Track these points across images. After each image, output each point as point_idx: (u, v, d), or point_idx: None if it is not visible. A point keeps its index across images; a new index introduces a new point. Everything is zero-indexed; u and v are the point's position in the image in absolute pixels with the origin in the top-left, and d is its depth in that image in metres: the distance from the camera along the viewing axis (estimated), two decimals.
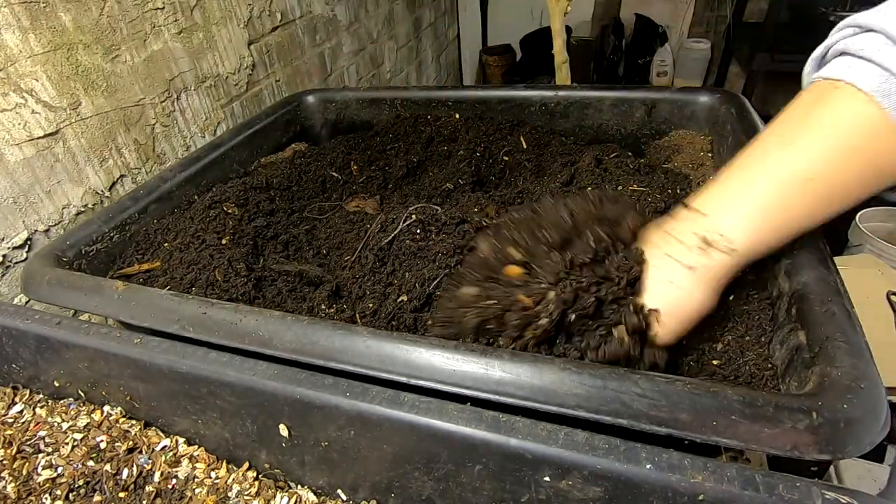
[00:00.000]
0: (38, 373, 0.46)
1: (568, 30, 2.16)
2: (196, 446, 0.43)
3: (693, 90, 0.70)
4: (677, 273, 0.36)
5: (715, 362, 0.39)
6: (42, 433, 0.43)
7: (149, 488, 0.39)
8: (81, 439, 0.43)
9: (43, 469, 0.41)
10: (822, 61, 0.37)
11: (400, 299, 0.44)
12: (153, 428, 0.44)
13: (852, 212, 1.22)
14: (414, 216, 0.48)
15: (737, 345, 0.39)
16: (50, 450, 0.42)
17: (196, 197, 0.65)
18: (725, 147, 0.61)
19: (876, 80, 0.32)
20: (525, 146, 0.70)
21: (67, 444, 0.42)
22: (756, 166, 0.36)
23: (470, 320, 0.37)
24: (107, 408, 0.45)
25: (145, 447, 0.42)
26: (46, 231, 0.62)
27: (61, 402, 0.46)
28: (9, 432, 0.44)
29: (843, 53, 0.35)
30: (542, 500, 0.31)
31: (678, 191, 0.58)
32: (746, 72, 1.87)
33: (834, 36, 0.36)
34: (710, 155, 0.66)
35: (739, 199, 0.36)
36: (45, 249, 0.52)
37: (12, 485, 0.40)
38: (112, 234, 0.56)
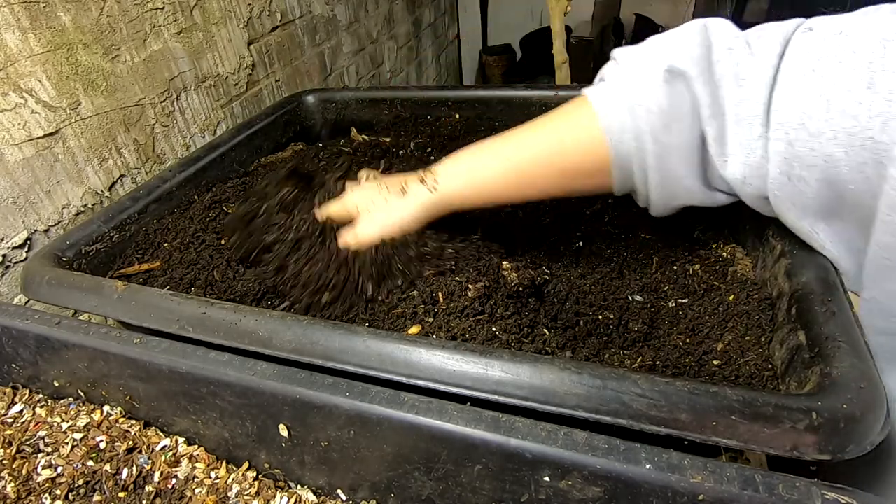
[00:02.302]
0: (38, 373, 0.46)
1: (568, 30, 2.16)
2: (196, 446, 0.43)
3: None
4: (393, 193, 0.47)
5: (715, 362, 0.39)
6: (42, 433, 0.43)
7: (148, 488, 0.39)
8: (81, 439, 0.43)
9: (43, 469, 0.41)
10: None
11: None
12: (153, 428, 0.44)
13: None
14: None
15: (737, 345, 0.39)
16: (50, 450, 0.42)
17: (196, 197, 0.65)
18: None
19: (602, 101, 0.40)
20: None
21: (67, 444, 0.42)
22: (491, 147, 0.45)
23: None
24: (107, 408, 0.45)
25: (145, 447, 0.42)
26: (46, 231, 0.62)
27: (61, 402, 0.46)
28: (8, 432, 0.44)
29: (601, 79, 0.42)
30: (541, 500, 0.31)
31: None
32: None
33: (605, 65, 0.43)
34: None
35: (462, 163, 0.46)
36: (44, 249, 0.52)
37: (12, 485, 0.40)
38: (112, 234, 0.56)
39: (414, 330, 0.40)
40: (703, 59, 0.37)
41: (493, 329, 0.40)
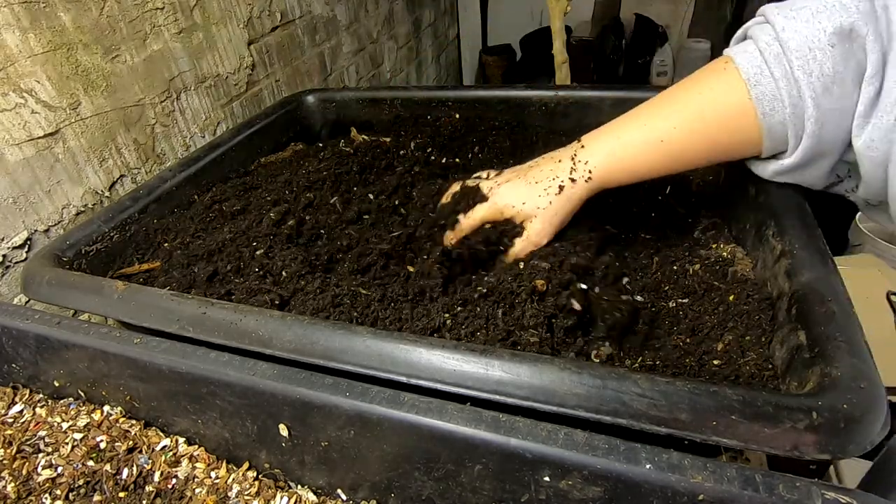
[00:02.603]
0: (38, 372, 0.46)
1: (568, 30, 2.16)
2: (196, 446, 0.43)
3: None
4: (551, 190, 0.46)
5: (715, 362, 0.39)
6: (42, 433, 0.43)
7: (149, 488, 0.40)
8: (81, 439, 0.43)
9: (43, 469, 0.41)
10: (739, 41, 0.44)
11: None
12: (153, 428, 0.44)
13: (852, 212, 1.22)
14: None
15: (737, 345, 0.39)
16: (50, 450, 0.42)
17: (196, 197, 0.65)
18: None
19: (753, 68, 0.39)
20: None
21: (67, 443, 0.42)
22: (633, 120, 0.45)
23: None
24: (107, 408, 0.45)
25: (145, 447, 0.42)
26: (46, 231, 0.62)
27: (61, 401, 0.46)
28: (9, 432, 0.44)
29: (746, 37, 0.42)
30: (541, 500, 0.31)
31: (676, 190, 0.58)
32: None
33: (750, 21, 0.42)
34: None
35: (608, 143, 0.45)
36: (45, 249, 0.52)
37: (12, 485, 0.40)
38: (112, 234, 0.56)
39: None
40: (872, 15, 0.35)
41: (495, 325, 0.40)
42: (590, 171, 0.45)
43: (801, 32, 0.37)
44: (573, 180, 0.45)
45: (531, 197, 0.46)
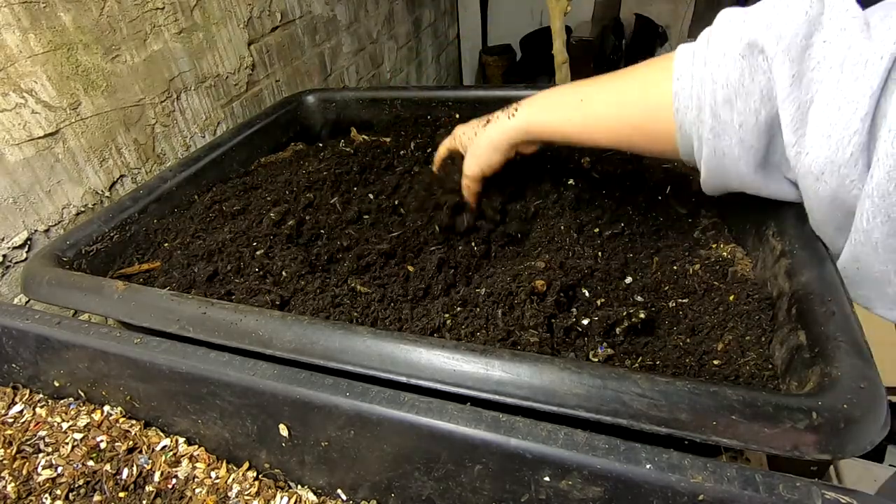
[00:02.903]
0: (38, 373, 0.46)
1: (568, 30, 2.16)
2: (196, 446, 0.43)
3: None
4: (481, 125, 0.51)
5: (715, 362, 0.39)
6: (42, 433, 0.43)
7: (149, 488, 0.40)
8: (81, 439, 0.43)
9: (43, 469, 0.41)
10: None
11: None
12: (153, 428, 0.44)
13: None
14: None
15: (737, 345, 0.39)
16: (50, 450, 0.42)
17: (196, 197, 0.65)
18: None
19: (682, 63, 0.38)
20: None
21: (67, 443, 0.42)
22: (573, 85, 0.46)
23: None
24: (107, 408, 0.45)
25: (145, 447, 0.42)
26: (46, 231, 0.62)
27: (61, 401, 0.46)
28: (9, 432, 0.44)
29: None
30: (541, 500, 0.31)
31: (676, 190, 0.58)
32: None
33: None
34: None
35: (543, 97, 0.48)
36: (45, 249, 0.52)
37: (12, 485, 0.40)
38: (112, 234, 0.56)
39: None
40: (798, 37, 0.33)
41: (496, 325, 0.40)
42: (516, 111, 0.48)
43: (723, 36, 0.36)
44: (498, 118, 0.49)
45: (467, 131, 0.53)
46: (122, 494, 0.39)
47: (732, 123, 0.36)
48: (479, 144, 0.50)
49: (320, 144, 0.83)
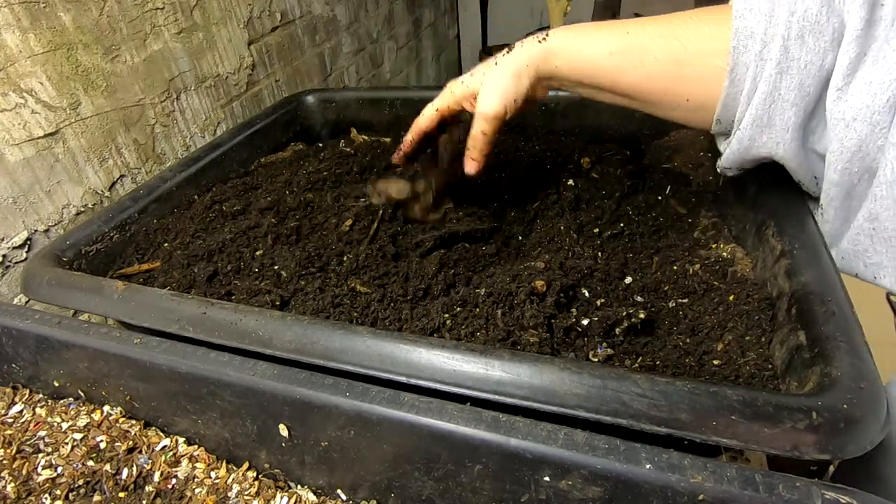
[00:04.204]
0: (38, 373, 0.46)
1: None
2: (196, 446, 0.43)
3: None
4: (499, 55, 0.44)
5: (715, 362, 0.39)
6: (42, 433, 0.43)
7: (149, 488, 0.40)
8: (81, 439, 0.43)
9: (43, 469, 0.41)
10: None
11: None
12: (153, 428, 0.44)
13: None
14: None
15: (737, 345, 0.39)
16: (50, 450, 0.42)
17: (196, 197, 0.65)
18: None
19: (744, 2, 0.36)
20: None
21: (67, 443, 0.42)
22: (609, 25, 0.42)
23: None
24: (107, 408, 0.45)
25: (145, 447, 0.42)
26: (46, 231, 0.62)
27: (61, 401, 0.46)
28: (9, 432, 0.44)
29: None
30: (541, 499, 0.31)
31: (676, 190, 0.58)
32: None
33: None
34: (709, 155, 0.66)
35: (575, 27, 0.43)
36: (45, 249, 0.52)
37: (12, 485, 0.40)
38: (112, 234, 0.56)
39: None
40: None
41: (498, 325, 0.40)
42: (546, 37, 0.42)
43: None
44: (522, 44, 0.43)
45: (478, 68, 0.45)
46: (121, 494, 0.39)
47: (799, 61, 0.34)
48: (501, 73, 0.43)
49: (320, 144, 0.83)
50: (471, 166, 0.47)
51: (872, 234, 0.36)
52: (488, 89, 0.44)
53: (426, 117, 0.49)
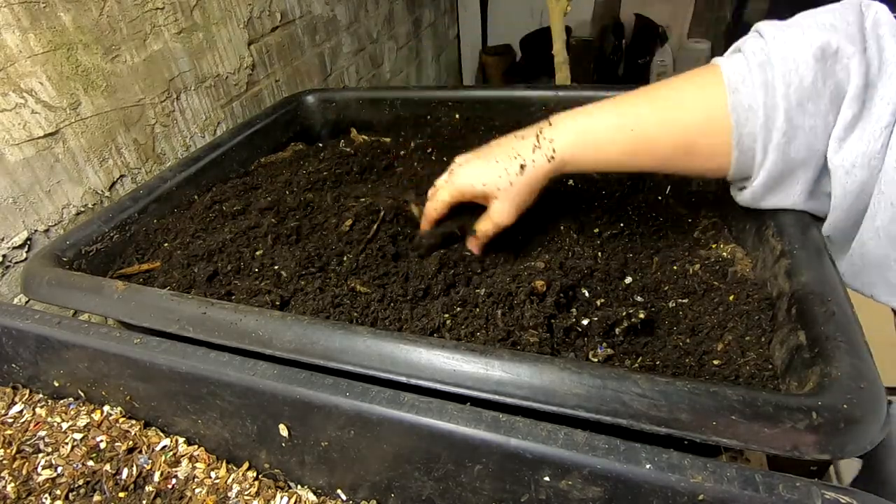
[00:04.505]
0: (38, 373, 0.46)
1: (568, 30, 2.16)
2: (196, 446, 0.43)
3: None
4: (512, 170, 0.45)
5: (715, 362, 0.39)
6: (42, 433, 0.43)
7: (149, 488, 0.40)
8: (81, 439, 0.43)
9: (43, 469, 0.41)
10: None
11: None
12: (153, 428, 0.44)
13: None
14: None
15: (737, 345, 0.39)
16: (50, 450, 0.42)
17: (196, 197, 0.65)
18: None
19: (736, 75, 0.39)
20: None
21: (67, 443, 0.42)
22: (608, 105, 0.44)
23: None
24: (107, 408, 0.45)
25: (145, 447, 0.42)
26: (46, 231, 0.62)
27: (61, 401, 0.46)
28: (9, 432, 0.44)
29: (739, 50, 0.41)
30: (541, 499, 0.31)
31: (676, 190, 0.58)
32: None
33: (744, 37, 0.42)
34: None
35: (578, 122, 0.44)
36: (45, 249, 0.52)
37: (12, 485, 0.40)
38: (112, 234, 0.56)
39: None
40: (859, 39, 0.35)
41: (498, 325, 0.40)
42: (554, 150, 0.43)
43: (789, 44, 0.37)
44: (534, 161, 0.44)
45: (492, 176, 0.45)
46: (121, 494, 0.39)
47: (804, 126, 0.37)
48: (521, 192, 0.46)
49: (320, 144, 0.83)
50: (476, 249, 0.50)
51: (861, 258, 0.39)
52: (505, 205, 0.46)
53: (437, 210, 0.50)
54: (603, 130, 0.43)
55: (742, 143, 0.39)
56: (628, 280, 0.48)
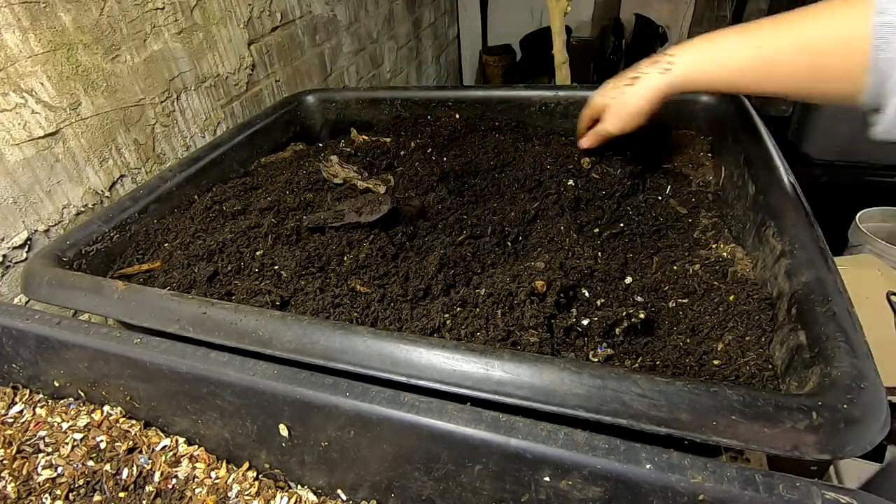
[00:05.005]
0: (38, 373, 0.46)
1: (568, 30, 2.16)
2: (196, 446, 0.43)
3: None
4: (627, 81, 0.49)
5: (715, 362, 0.39)
6: (42, 433, 0.43)
7: (149, 488, 0.40)
8: (81, 439, 0.43)
9: (43, 469, 0.41)
10: None
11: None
12: (153, 428, 0.44)
13: (852, 212, 1.22)
14: None
15: (737, 345, 0.39)
16: (50, 450, 0.42)
17: (196, 197, 0.65)
18: (725, 146, 0.61)
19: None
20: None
21: (67, 443, 0.42)
22: (736, 28, 0.44)
23: None
24: (107, 408, 0.45)
25: (145, 447, 0.42)
26: (46, 231, 0.62)
27: (61, 401, 0.46)
28: (9, 432, 0.44)
29: None
30: (541, 499, 0.31)
31: (676, 190, 0.58)
32: None
33: None
34: (710, 155, 0.66)
35: (699, 44, 0.45)
36: (45, 249, 0.52)
37: (12, 485, 0.40)
38: (112, 234, 0.56)
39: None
40: None
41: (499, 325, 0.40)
42: (671, 62, 0.46)
43: None
44: (647, 73, 0.47)
45: (609, 90, 0.51)
46: (122, 494, 0.39)
47: None
48: (628, 103, 0.49)
49: (320, 144, 0.83)
50: (583, 144, 0.58)
51: None
52: (613, 114, 0.51)
53: (581, 123, 0.59)
54: (726, 48, 0.44)
55: (878, 67, 0.37)
56: (628, 280, 0.48)
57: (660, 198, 0.59)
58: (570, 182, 0.61)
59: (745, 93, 0.45)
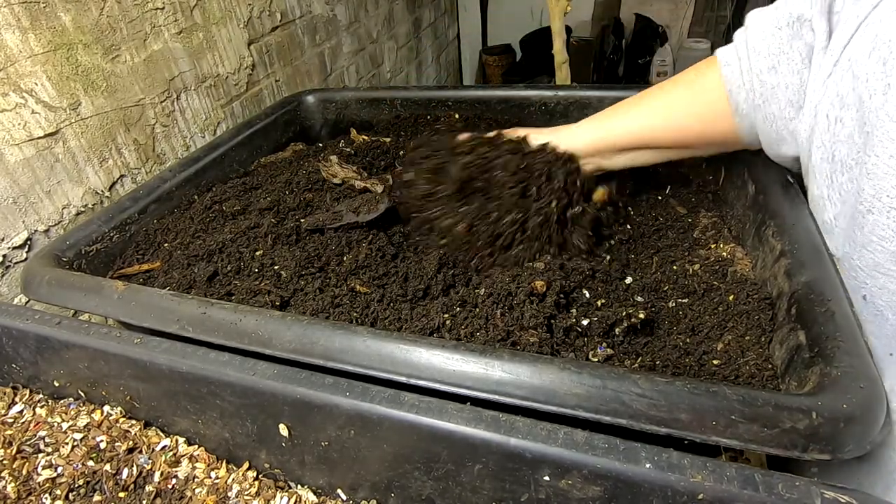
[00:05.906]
0: (38, 373, 0.46)
1: (568, 30, 2.16)
2: (196, 446, 0.43)
3: None
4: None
5: (715, 362, 0.39)
6: (42, 433, 0.43)
7: (149, 488, 0.40)
8: (81, 439, 0.43)
9: (43, 469, 0.41)
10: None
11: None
12: (153, 428, 0.44)
13: None
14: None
15: (736, 345, 0.39)
16: (50, 450, 0.42)
17: (196, 197, 0.65)
18: None
19: (726, 53, 0.45)
20: None
21: (67, 444, 0.42)
22: (619, 104, 0.53)
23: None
24: (107, 408, 0.45)
25: (145, 447, 0.42)
26: (46, 231, 0.62)
27: (61, 401, 0.46)
28: (9, 432, 0.44)
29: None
30: (541, 499, 0.31)
31: (676, 190, 0.58)
32: None
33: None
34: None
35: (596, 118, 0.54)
36: (45, 249, 0.52)
37: (12, 485, 0.40)
38: (112, 234, 0.56)
39: None
40: (825, 3, 0.39)
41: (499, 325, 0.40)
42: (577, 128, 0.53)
43: (761, 19, 0.43)
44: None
45: None
46: (122, 494, 0.39)
47: (779, 85, 0.41)
48: None
49: (320, 144, 0.83)
50: None
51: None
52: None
53: None
54: (616, 114, 0.52)
55: (739, 112, 0.45)
56: (628, 280, 0.48)
57: (660, 198, 0.59)
58: None
59: (643, 145, 0.52)
